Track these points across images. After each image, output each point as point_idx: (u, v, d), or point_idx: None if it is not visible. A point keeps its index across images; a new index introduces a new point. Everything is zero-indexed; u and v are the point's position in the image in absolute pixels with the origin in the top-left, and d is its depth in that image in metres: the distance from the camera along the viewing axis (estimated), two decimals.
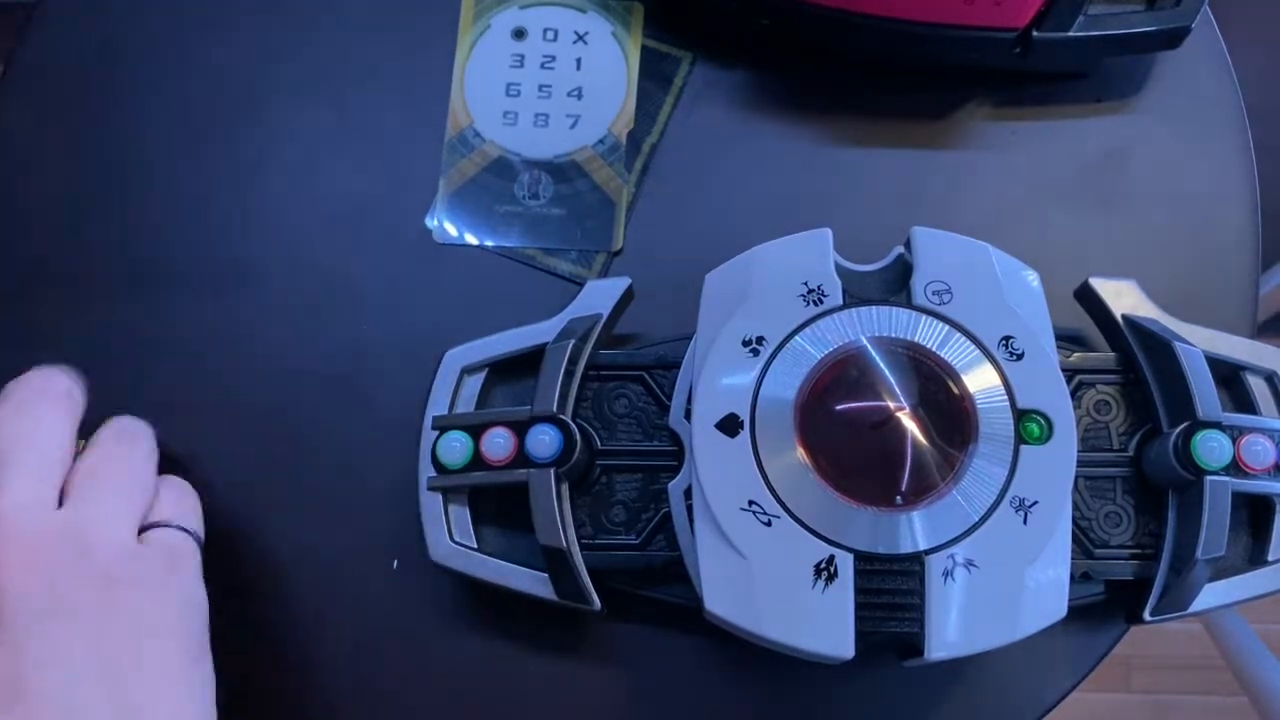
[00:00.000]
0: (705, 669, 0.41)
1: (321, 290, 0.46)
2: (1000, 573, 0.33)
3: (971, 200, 0.46)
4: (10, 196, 0.47)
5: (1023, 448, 0.34)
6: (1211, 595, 0.37)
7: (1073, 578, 0.36)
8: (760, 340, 0.36)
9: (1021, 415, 0.35)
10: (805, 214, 0.46)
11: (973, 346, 0.35)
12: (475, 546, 0.39)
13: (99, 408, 0.45)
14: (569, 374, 0.38)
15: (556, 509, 0.37)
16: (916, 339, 0.36)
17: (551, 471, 0.37)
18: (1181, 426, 0.36)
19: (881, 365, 0.35)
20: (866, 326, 0.36)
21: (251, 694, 0.41)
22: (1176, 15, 0.43)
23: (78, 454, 0.36)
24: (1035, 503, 0.34)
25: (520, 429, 0.38)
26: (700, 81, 0.48)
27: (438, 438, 0.39)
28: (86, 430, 0.38)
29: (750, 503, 0.34)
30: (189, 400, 0.44)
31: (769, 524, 0.34)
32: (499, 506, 0.39)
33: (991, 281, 0.36)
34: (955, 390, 0.35)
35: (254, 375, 0.45)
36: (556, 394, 0.38)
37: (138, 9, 0.49)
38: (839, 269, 0.37)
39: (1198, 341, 0.38)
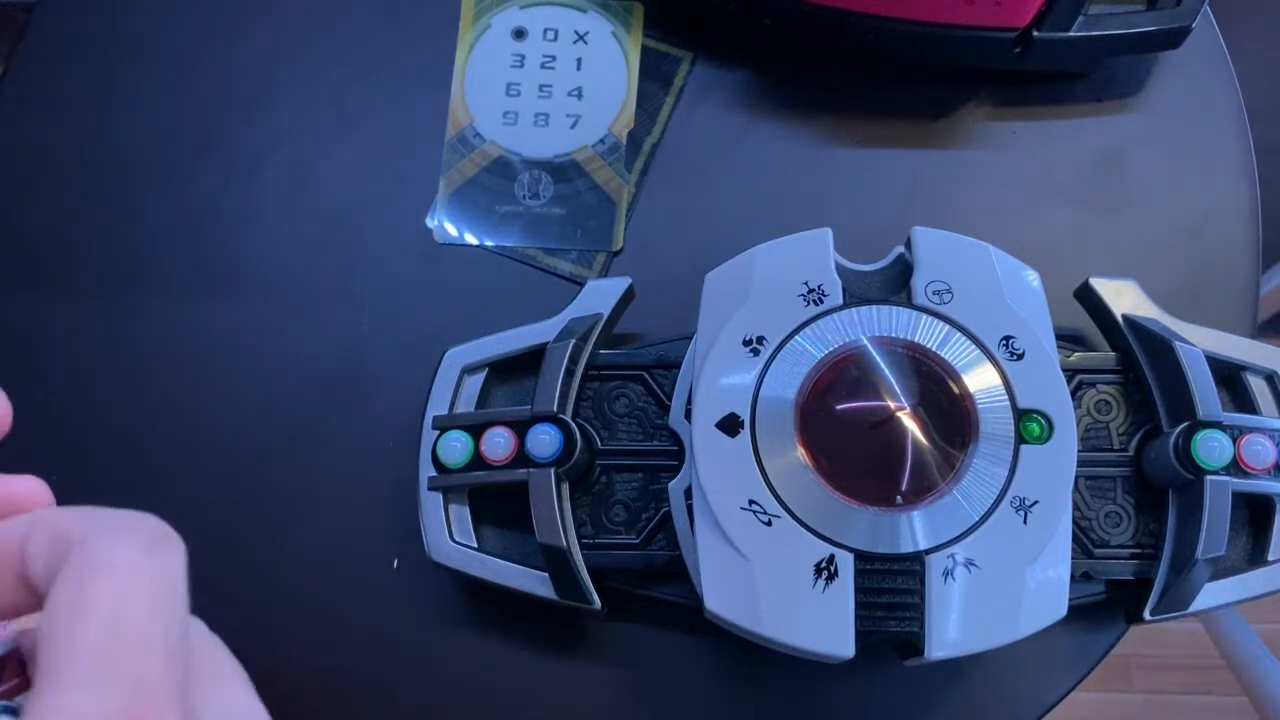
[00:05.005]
0: (705, 669, 0.41)
1: (321, 290, 0.46)
2: (1000, 573, 0.33)
3: (971, 200, 0.46)
4: (10, 196, 0.47)
5: (1023, 447, 0.34)
6: (1211, 595, 0.37)
7: (1073, 578, 0.36)
8: (760, 340, 0.36)
9: (1022, 415, 0.35)
10: (805, 214, 0.46)
11: (973, 346, 0.35)
12: (475, 546, 0.39)
13: (99, 407, 0.45)
14: (569, 374, 0.38)
15: (556, 509, 0.37)
16: (917, 339, 0.36)
17: (551, 471, 0.37)
18: (1182, 426, 0.36)
19: (882, 365, 0.35)
20: (867, 326, 0.36)
21: None
22: (1176, 15, 0.43)
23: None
24: (1035, 502, 0.34)
25: (520, 428, 0.38)
26: (700, 81, 0.48)
27: (438, 437, 0.39)
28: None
29: (750, 502, 0.34)
30: (189, 400, 0.44)
31: (769, 524, 0.34)
32: (499, 506, 0.39)
33: (991, 281, 0.36)
34: (955, 390, 0.35)
35: (254, 375, 0.45)
36: (557, 394, 0.38)
37: (137, 10, 0.49)
38: (839, 269, 0.37)
39: (1198, 341, 0.38)
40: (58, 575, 0.20)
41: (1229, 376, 0.39)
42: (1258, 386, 0.39)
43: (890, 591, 0.33)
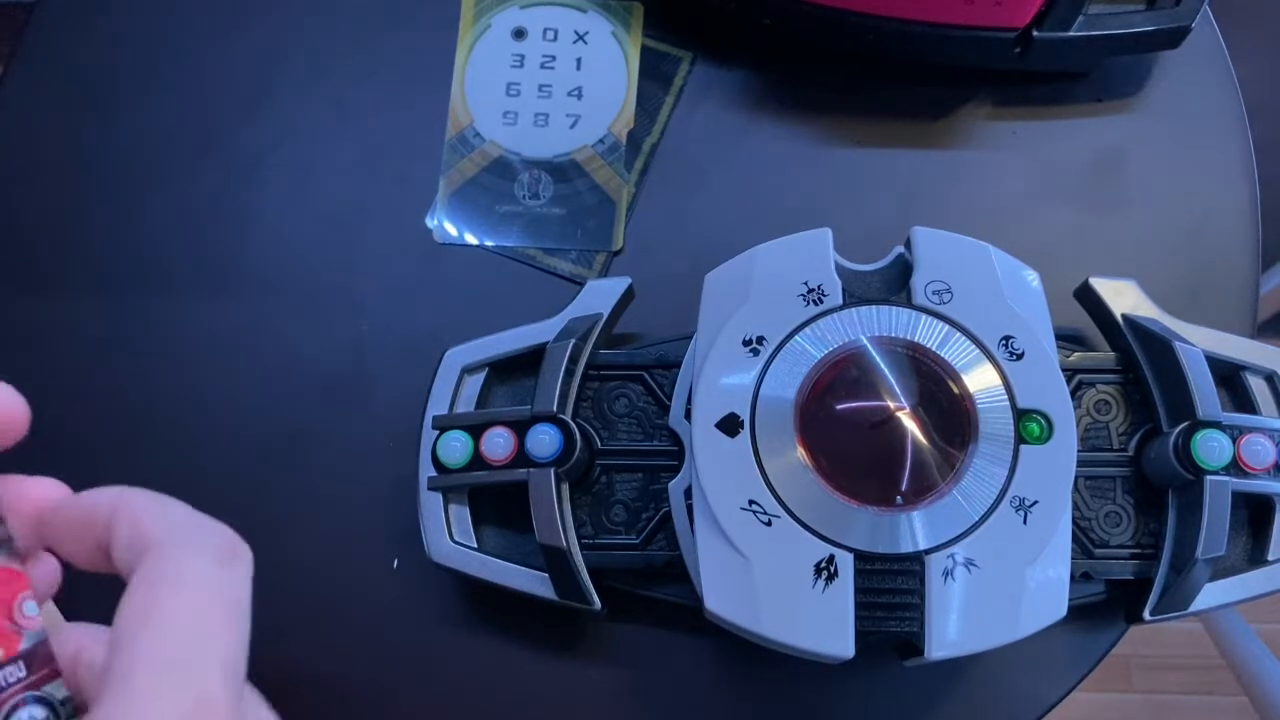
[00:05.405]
0: (705, 669, 0.41)
1: (322, 290, 0.46)
2: (1000, 572, 0.33)
3: (971, 200, 0.46)
4: (9, 197, 0.47)
5: (1023, 447, 0.34)
6: (1211, 595, 0.37)
7: (1073, 577, 0.36)
8: (760, 340, 0.36)
9: (1021, 415, 0.35)
10: (805, 214, 0.46)
11: (973, 346, 0.35)
12: (475, 546, 0.39)
13: (98, 407, 0.45)
14: (569, 374, 0.38)
15: (556, 509, 0.37)
16: (916, 339, 0.36)
17: (551, 471, 0.37)
18: (1181, 426, 0.36)
19: (881, 365, 0.35)
20: (866, 326, 0.36)
21: None
22: (1176, 15, 0.43)
23: None
24: (1035, 502, 0.34)
25: (520, 428, 0.38)
26: (700, 81, 0.48)
27: (438, 437, 0.39)
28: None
29: (750, 502, 0.34)
30: (190, 400, 0.44)
31: (769, 524, 0.34)
32: (499, 506, 0.39)
33: (991, 281, 0.36)
34: (955, 390, 0.35)
35: (254, 375, 0.45)
36: (557, 394, 0.38)
37: (137, 10, 0.49)
38: (839, 269, 0.37)
39: (1198, 341, 0.38)
40: (131, 578, 0.21)
41: (1229, 376, 0.39)
42: (1257, 386, 0.39)
43: (890, 591, 0.33)
